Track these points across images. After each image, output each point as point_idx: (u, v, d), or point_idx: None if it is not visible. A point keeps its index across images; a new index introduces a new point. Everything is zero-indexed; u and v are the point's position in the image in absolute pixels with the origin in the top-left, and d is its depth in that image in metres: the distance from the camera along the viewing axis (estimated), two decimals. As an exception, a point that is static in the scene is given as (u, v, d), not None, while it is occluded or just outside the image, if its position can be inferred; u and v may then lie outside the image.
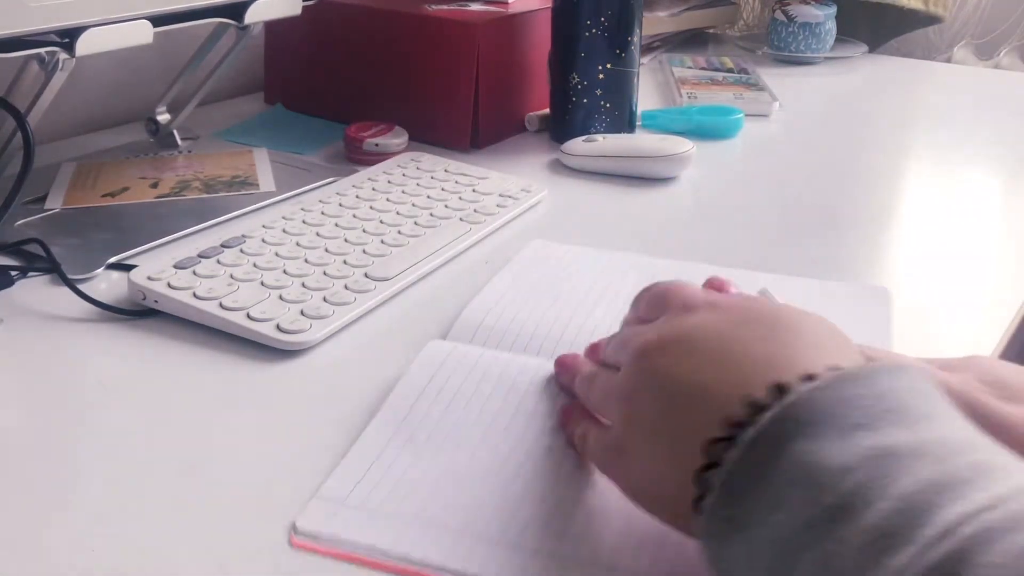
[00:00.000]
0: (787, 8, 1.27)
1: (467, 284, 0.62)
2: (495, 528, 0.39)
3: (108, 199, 0.74)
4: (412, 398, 0.47)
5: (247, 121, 0.96)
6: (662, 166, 0.84)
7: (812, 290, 0.61)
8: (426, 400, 0.47)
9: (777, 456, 0.30)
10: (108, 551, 0.39)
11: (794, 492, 0.29)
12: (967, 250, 0.72)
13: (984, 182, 0.88)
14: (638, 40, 0.90)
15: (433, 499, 0.41)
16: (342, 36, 0.94)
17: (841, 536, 0.27)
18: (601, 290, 0.61)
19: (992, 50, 1.39)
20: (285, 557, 0.39)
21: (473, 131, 0.89)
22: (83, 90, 0.93)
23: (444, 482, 0.42)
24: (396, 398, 0.47)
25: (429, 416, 0.46)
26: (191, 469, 0.45)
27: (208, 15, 0.72)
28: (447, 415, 0.46)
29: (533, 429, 0.46)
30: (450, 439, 0.45)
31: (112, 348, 0.55)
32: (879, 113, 1.09)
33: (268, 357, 0.54)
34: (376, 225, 0.68)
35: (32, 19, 0.58)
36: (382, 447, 0.44)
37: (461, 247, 0.67)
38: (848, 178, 0.87)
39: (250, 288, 0.58)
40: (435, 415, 0.46)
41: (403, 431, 0.45)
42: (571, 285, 0.61)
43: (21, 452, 0.46)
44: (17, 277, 0.62)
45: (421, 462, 0.43)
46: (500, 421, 0.46)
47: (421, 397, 0.47)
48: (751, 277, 0.61)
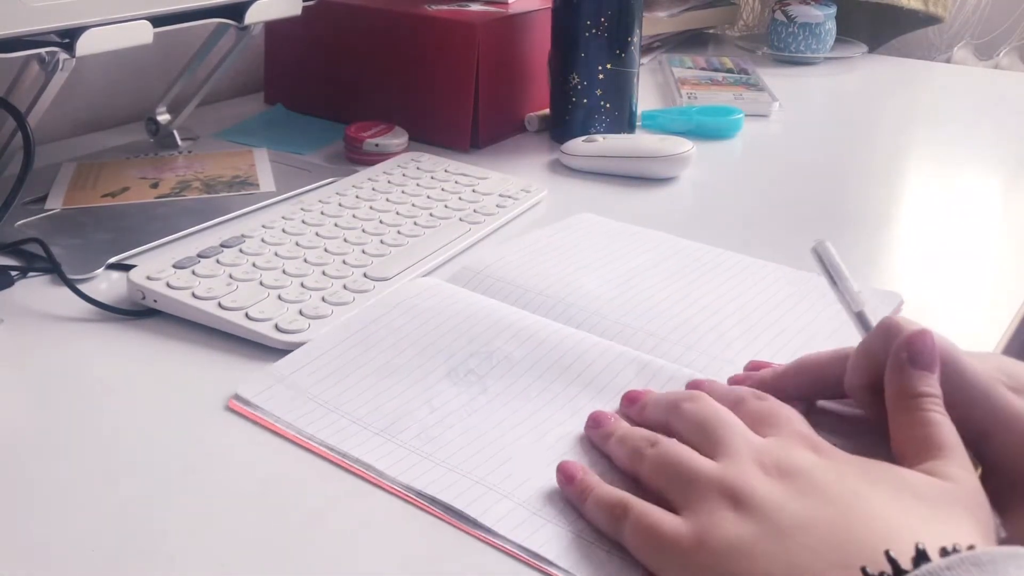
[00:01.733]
0: (787, 8, 1.27)
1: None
2: (409, 435, 0.45)
3: (108, 199, 0.74)
4: (378, 314, 0.54)
5: (247, 121, 0.96)
6: (662, 166, 0.84)
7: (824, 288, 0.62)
8: (388, 320, 0.54)
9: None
10: (108, 551, 0.39)
11: None
12: (967, 250, 0.72)
13: (984, 182, 0.88)
14: (638, 40, 0.90)
15: (360, 400, 0.47)
16: (342, 36, 0.94)
17: None
18: (614, 261, 0.64)
19: (992, 50, 1.39)
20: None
21: (473, 131, 0.89)
22: (83, 90, 0.93)
23: (376, 390, 0.48)
24: (364, 312, 0.54)
25: (387, 335, 0.53)
26: (191, 469, 0.45)
27: (208, 15, 0.72)
28: (401, 339, 0.53)
29: (471, 369, 0.51)
30: (395, 358, 0.51)
31: (112, 348, 0.55)
32: (879, 113, 1.09)
33: (267, 357, 0.54)
34: (376, 225, 0.68)
35: (32, 19, 0.58)
36: (334, 346, 0.51)
37: (461, 247, 0.67)
38: (848, 178, 0.87)
39: (249, 288, 0.58)
40: (390, 337, 0.53)
41: (358, 339, 0.52)
42: (589, 253, 0.65)
43: (21, 452, 0.46)
44: (17, 277, 0.62)
45: (362, 368, 0.50)
46: (441, 357, 0.52)
47: (384, 316, 0.54)
48: (764, 264, 0.64)
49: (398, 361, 0.51)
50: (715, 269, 0.63)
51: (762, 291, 0.60)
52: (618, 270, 0.63)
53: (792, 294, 0.60)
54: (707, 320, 0.57)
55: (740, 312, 0.58)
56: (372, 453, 0.44)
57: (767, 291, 0.60)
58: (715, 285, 0.61)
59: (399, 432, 0.46)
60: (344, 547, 0.40)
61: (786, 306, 0.59)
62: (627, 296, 0.59)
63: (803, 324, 0.57)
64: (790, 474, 0.37)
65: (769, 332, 0.56)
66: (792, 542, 0.34)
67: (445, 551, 0.40)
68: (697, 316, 0.57)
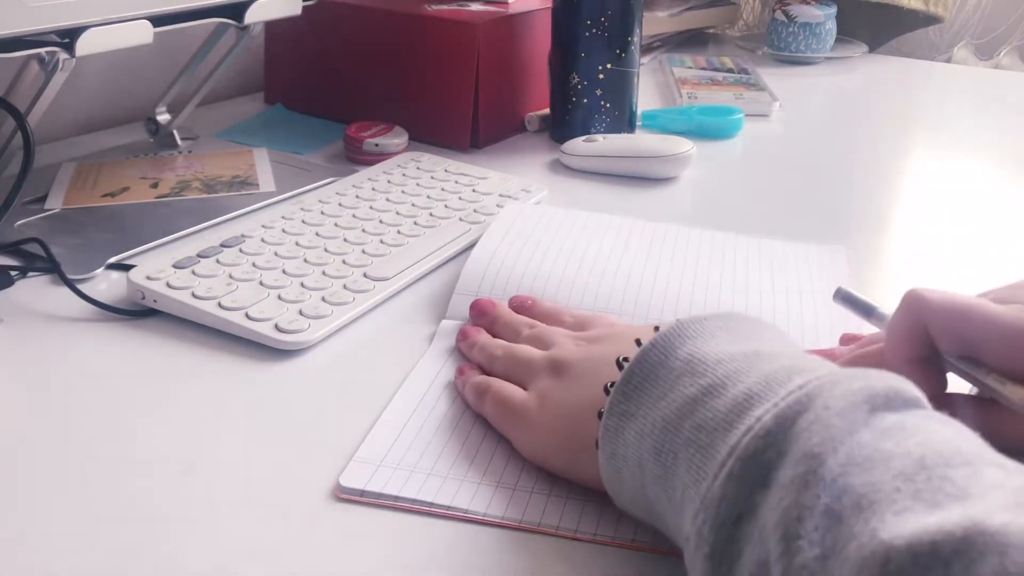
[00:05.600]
0: (787, 8, 1.27)
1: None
2: (496, 476, 0.45)
3: (108, 199, 0.74)
4: (430, 376, 0.53)
5: (247, 121, 0.96)
6: (662, 166, 0.84)
7: (775, 249, 0.66)
8: (439, 380, 0.53)
9: (667, 356, 0.38)
10: (108, 551, 0.39)
11: (679, 380, 0.37)
12: (967, 250, 0.72)
13: (984, 182, 0.88)
14: (638, 40, 0.90)
15: (446, 455, 0.46)
16: (342, 36, 0.94)
17: (715, 404, 0.35)
18: (585, 245, 0.65)
19: (992, 50, 1.39)
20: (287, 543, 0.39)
21: (473, 131, 0.89)
22: (83, 90, 0.93)
23: (454, 442, 0.47)
24: (416, 375, 0.53)
25: (443, 394, 0.51)
26: (190, 469, 0.45)
27: (208, 15, 0.72)
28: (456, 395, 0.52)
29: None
30: (456, 413, 0.50)
31: (112, 348, 0.55)
32: (879, 113, 1.09)
33: (266, 357, 0.54)
34: (375, 225, 0.68)
35: (32, 19, 0.58)
36: (407, 416, 0.49)
37: (460, 247, 0.67)
38: (848, 178, 0.87)
39: (249, 288, 0.58)
40: (447, 393, 0.52)
41: (424, 402, 0.50)
42: (557, 243, 0.65)
43: (21, 452, 0.46)
44: (17, 277, 0.62)
45: (437, 430, 0.48)
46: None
47: (437, 376, 0.53)
48: (723, 238, 0.67)
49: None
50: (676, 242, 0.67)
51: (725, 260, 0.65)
52: (588, 254, 0.64)
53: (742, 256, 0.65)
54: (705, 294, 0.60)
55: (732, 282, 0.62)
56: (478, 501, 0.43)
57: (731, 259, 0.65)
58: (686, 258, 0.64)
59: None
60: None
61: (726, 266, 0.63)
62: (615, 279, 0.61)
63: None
64: (588, 341, 0.49)
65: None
66: (584, 377, 0.45)
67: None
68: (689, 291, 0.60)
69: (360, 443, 0.46)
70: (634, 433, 0.38)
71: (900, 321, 0.45)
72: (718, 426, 0.34)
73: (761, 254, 0.65)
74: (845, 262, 0.65)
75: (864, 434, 0.30)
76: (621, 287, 0.60)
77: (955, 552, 0.25)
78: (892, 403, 0.32)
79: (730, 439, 0.33)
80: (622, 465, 0.38)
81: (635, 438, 0.38)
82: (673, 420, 0.36)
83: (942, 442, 0.30)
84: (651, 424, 0.37)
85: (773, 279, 0.62)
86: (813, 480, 0.29)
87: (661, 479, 0.36)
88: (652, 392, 0.38)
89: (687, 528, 0.33)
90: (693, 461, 0.34)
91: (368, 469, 0.44)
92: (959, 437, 0.31)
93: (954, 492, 0.27)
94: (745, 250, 0.65)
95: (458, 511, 0.42)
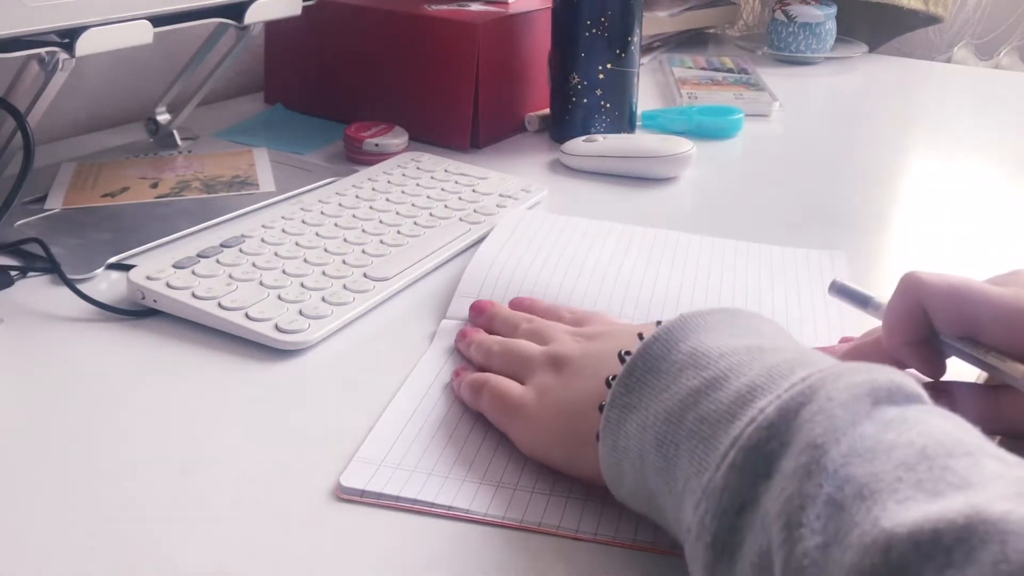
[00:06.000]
0: (787, 8, 1.27)
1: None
2: (496, 476, 0.45)
3: (108, 199, 0.74)
4: (430, 376, 0.52)
5: (247, 121, 0.96)
6: (662, 166, 0.84)
7: (775, 255, 0.67)
8: (440, 380, 0.52)
9: (670, 350, 0.39)
10: (108, 551, 0.39)
11: (682, 373, 0.37)
12: (967, 249, 0.72)
13: (984, 182, 0.88)
14: (638, 40, 0.90)
15: (446, 456, 0.46)
16: (342, 36, 0.94)
17: (718, 396, 0.35)
18: (585, 251, 0.65)
19: (992, 50, 1.39)
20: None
21: (473, 131, 0.89)
22: (83, 90, 0.93)
23: (454, 443, 0.47)
24: (416, 374, 0.53)
25: (444, 394, 0.51)
26: (190, 469, 0.45)
27: (208, 15, 0.72)
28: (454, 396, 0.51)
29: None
30: (456, 414, 0.49)
31: (112, 348, 0.55)
32: (879, 113, 1.09)
33: (266, 357, 0.54)
34: (375, 225, 0.68)
35: (32, 19, 0.58)
36: (408, 416, 0.49)
37: (460, 247, 0.67)
38: (848, 178, 0.87)
39: (249, 288, 0.58)
40: (447, 393, 0.51)
41: (425, 403, 0.50)
42: (558, 249, 0.65)
43: (21, 452, 0.46)
44: (17, 277, 0.62)
45: (438, 431, 0.48)
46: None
47: (437, 376, 0.52)
48: (723, 244, 0.67)
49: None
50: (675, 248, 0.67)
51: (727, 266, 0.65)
52: (588, 261, 0.64)
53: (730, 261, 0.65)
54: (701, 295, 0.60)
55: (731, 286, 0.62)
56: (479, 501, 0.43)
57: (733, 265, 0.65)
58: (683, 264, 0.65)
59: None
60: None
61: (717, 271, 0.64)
62: (614, 286, 0.61)
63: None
64: (587, 337, 0.49)
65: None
66: (584, 371, 0.45)
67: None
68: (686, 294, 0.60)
69: (361, 443, 0.46)
70: (636, 425, 0.38)
71: (898, 303, 0.45)
72: (721, 418, 0.34)
73: (761, 260, 0.65)
74: (846, 266, 0.65)
75: (867, 426, 0.30)
76: (621, 293, 0.60)
77: (957, 540, 0.25)
78: (894, 397, 0.32)
79: (733, 430, 0.33)
80: (623, 457, 0.38)
81: (637, 430, 0.38)
82: (676, 412, 0.36)
83: (943, 433, 0.30)
84: (653, 416, 0.37)
85: (773, 285, 0.62)
86: (816, 470, 0.29)
87: (663, 471, 0.36)
88: (655, 384, 0.38)
89: (688, 519, 0.33)
90: (695, 452, 0.34)
91: (369, 469, 0.44)
92: (960, 429, 0.31)
93: (956, 481, 0.28)
94: (745, 256, 0.66)
95: (459, 511, 0.42)
